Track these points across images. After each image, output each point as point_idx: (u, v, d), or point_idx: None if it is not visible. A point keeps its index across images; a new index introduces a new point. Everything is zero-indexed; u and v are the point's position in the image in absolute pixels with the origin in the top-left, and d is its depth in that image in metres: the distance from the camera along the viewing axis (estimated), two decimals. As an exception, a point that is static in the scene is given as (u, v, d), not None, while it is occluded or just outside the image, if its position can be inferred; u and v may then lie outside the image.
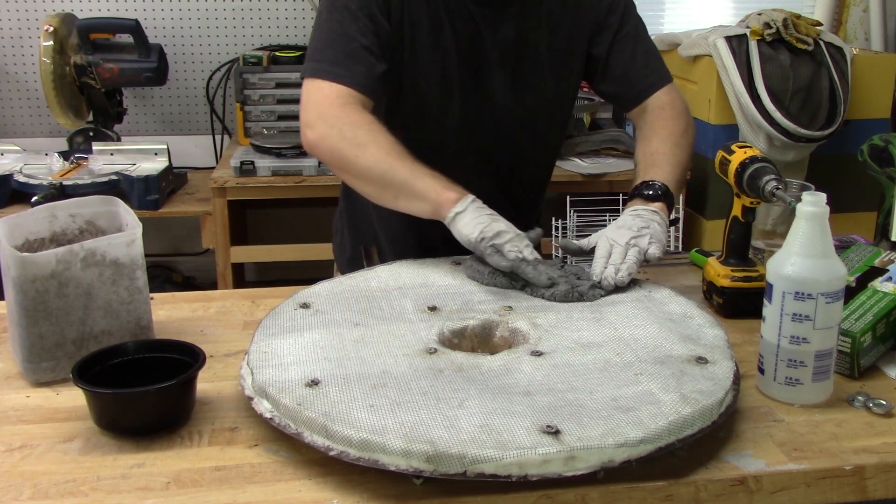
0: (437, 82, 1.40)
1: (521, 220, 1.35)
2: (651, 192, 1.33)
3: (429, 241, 1.36)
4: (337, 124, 1.29)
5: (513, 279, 1.22)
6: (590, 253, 1.29)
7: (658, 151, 1.42)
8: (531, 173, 1.58)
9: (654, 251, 1.23)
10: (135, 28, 2.80)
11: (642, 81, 1.48)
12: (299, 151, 2.71)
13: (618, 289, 1.21)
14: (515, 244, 1.22)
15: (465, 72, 1.40)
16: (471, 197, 1.25)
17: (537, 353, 1.02)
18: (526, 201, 1.59)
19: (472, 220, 1.22)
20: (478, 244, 1.21)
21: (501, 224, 1.23)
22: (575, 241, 1.31)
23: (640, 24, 1.49)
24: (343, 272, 1.56)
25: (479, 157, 1.48)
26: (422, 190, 1.26)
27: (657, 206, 1.31)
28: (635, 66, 1.47)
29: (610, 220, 2.70)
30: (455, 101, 1.42)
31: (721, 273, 1.26)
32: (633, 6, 1.50)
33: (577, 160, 2.82)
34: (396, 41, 1.37)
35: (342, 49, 1.33)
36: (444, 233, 1.27)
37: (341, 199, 1.66)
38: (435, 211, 1.26)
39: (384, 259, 1.42)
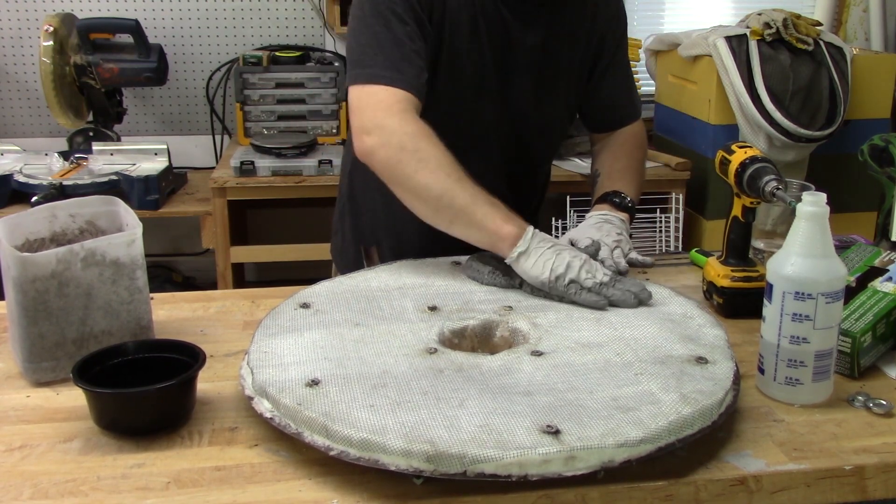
0: (471, 85, 1.40)
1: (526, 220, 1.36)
2: (618, 201, 1.40)
3: (438, 246, 1.35)
4: (397, 133, 1.24)
5: (512, 277, 1.22)
6: None
7: (629, 168, 1.50)
8: (538, 178, 1.62)
9: (636, 255, 1.29)
10: (135, 28, 2.80)
11: (623, 110, 1.56)
12: (299, 151, 2.72)
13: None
14: (588, 271, 1.17)
15: (496, 76, 1.41)
16: (531, 231, 1.20)
17: (537, 353, 1.02)
18: (532, 204, 1.62)
19: (537, 259, 1.17)
20: (554, 285, 1.16)
21: (566, 254, 1.18)
22: None
23: (627, 51, 1.58)
24: (342, 273, 1.56)
25: (498, 160, 1.49)
26: (480, 220, 1.20)
27: (623, 216, 1.38)
28: (622, 94, 1.56)
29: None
30: (486, 105, 1.43)
31: (721, 273, 1.26)
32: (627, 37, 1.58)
33: (577, 160, 2.82)
34: (436, 42, 1.36)
35: (395, 53, 1.28)
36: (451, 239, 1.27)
37: (343, 199, 1.66)
38: (493, 244, 1.21)
39: (384, 260, 1.42)
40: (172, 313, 1.28)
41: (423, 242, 1.36)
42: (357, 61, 1.31)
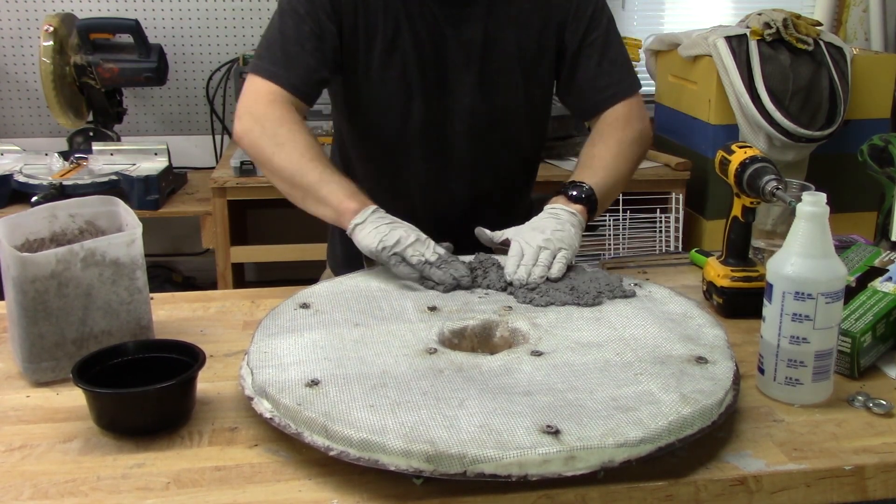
0: (397, 86, 1.41)
1: (503, 221, 1.34)
2: (575, 194, 1.34)
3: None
4: (261, 120, 1.34)
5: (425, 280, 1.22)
6: (500, 245, 1.30)
7: (597, 156, 1.42)
8: (506, 174, 1.56)
9: (556, 272, 1.22)
10: (135, 28, 2.80)
11: (601, 93, 1.46)
12: (299, 151, 2.71)
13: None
14: (417, 248, 1.22)
15: (427, 74, 1.41)
16: (371, 207, 1.26)
17: (537, 353, 1.02)
18: (502, 202, 1.56)
19: (371, 230, 1.23)
20: (379, 254, 1.22)
21: (401, 230, 1.23)
22: (488, 232, 1.33)
23: (609, 28, 1.47)
24: (336, 273, 1.56)
25: (446, 156, 1.48)
26: (325, 196, 1.29)
27: (577, 208, 1.32)
28: (598, 77, 1.45)
29: (609, 220, 2.71)
30: (417, 104, 1.43)
31: (721, 273, 1.26)
32: (605, 5, 1.48)
33: (575, 160, 2.81)
34: (352, 47, 1.39)
35: (284, 51, 1.37)
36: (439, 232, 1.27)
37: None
38: (336, 219, 1.29)
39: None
40: (172, 313, 1.28)
41: None
42: (256, 51, 1.43)
